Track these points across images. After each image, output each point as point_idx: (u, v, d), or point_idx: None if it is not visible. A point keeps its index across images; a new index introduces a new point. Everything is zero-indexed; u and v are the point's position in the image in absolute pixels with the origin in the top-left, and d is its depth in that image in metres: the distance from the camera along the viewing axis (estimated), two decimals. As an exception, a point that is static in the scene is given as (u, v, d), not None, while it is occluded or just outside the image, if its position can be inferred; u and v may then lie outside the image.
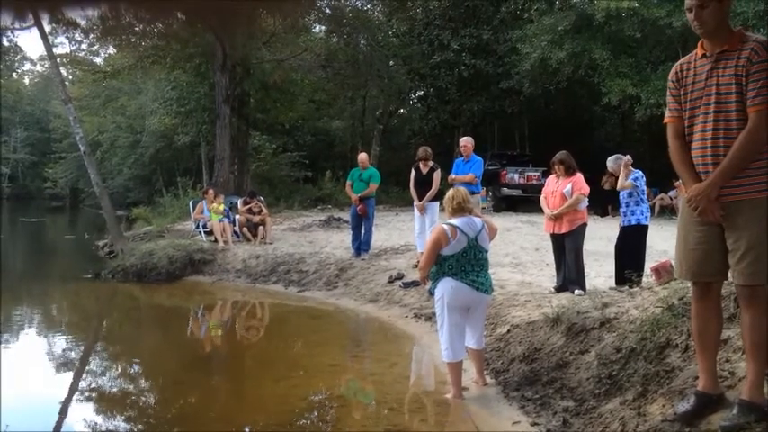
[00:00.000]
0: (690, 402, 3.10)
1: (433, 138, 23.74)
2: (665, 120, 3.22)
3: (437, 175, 8.81)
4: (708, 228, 2.99)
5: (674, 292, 4.38)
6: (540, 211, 7.22)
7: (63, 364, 6.43)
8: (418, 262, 6.82)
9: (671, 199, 16.56)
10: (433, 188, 8.70)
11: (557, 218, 6.73)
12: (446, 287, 4.44)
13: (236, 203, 13.22)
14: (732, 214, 2.90)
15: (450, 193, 4.69)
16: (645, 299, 4.99)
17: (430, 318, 6.61)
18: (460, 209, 4.55)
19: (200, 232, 12.28)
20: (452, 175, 8.61)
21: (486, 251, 4.59)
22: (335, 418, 4.55)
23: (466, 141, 8.76)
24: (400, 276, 8.58)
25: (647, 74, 16.83)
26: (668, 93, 3.21)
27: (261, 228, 12.08)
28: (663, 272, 5.83)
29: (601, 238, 9.95)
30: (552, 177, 7.04)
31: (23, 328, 7.99)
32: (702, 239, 3.01)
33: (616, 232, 7.11)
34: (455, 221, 4.50)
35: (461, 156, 8.80)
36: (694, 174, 3.04)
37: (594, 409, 3.80)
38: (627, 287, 6.00)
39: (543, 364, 4.71)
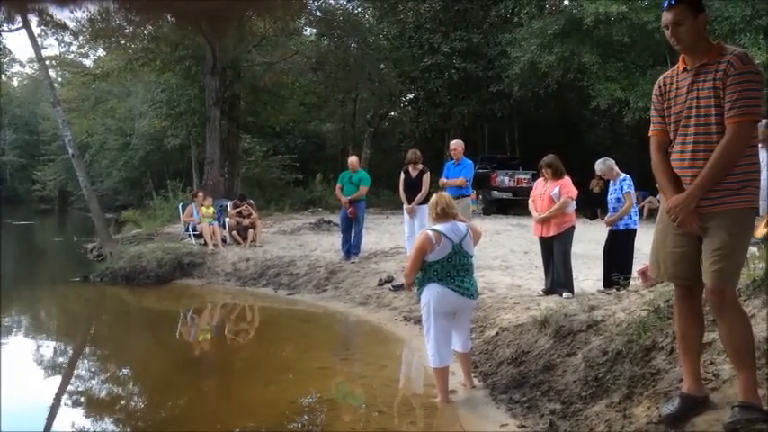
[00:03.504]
0: (675, 404, 3.14)
1: (423, 141, 23.82)
2: (650, 133, 3.25)
3: (426, 178, 8.84)
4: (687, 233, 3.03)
5: (659, 295, 4.43)
6: (530, 214, 7.26)
7: (51, 368, 6.40)
8: (407, 265, 6.83)
9: (659, 202, 16.65)
10: (423, 191, 8.73)
11: (544, 221, 6.78)
12: (432, 293, 4.45)
13: (227, 206, 13.19)
14: (708, 222, 2.94)
15: (433, 198, 4.69)
16: (631, 302, 5.03)
17: (419, 320, 6.59)
18: (444, 214, 4.56)
19: (189, 235, 12.24)
20: (443, 179, 8.64)
21: (471, 256, 4.60)
22: (325, 422, 4.56)
23: (456, 145, 8.79)
24: (390, 279, 8.59)
25: (635, 78, 16.93)
26: (652, 107, 3.25)
27: (251, 231, 12.06)
28: (649, 275, 5.88)
29: (589, 240, 10.00)
30: (540, 181, 7.11)
31: (12, 332, 7.93)
32: (680, 243, 3.06)
33: (604, 235, 7.16)
34: (439, 227, 4.50)
35: (452, 159, 8.83)
36: (675, 185, 3.07)
37: (581, 411, 3.82)
38: (614, 290, 6.04)
39: (531, 367, 4.74)
